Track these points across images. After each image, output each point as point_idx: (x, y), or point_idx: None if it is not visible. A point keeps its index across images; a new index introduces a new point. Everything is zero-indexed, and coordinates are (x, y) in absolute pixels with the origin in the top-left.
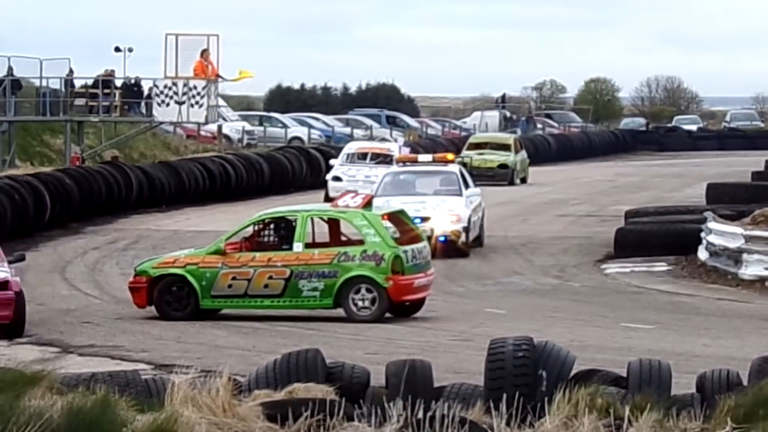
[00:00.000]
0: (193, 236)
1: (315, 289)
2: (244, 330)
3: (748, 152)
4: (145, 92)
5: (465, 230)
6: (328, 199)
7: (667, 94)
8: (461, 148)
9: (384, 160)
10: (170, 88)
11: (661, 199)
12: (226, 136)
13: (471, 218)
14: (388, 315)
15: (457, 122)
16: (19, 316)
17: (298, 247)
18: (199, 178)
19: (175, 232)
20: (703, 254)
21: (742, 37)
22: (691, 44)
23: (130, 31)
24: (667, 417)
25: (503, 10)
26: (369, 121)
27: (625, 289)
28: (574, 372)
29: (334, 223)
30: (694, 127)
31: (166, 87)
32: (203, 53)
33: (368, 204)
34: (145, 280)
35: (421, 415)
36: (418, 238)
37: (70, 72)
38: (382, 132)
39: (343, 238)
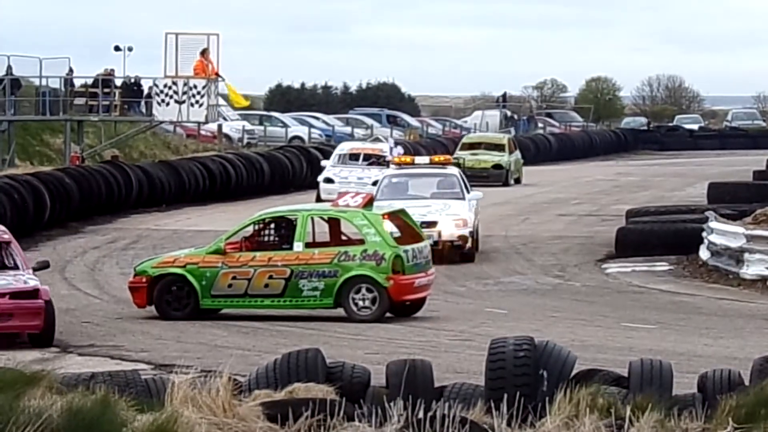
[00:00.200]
0: (193, 236)
1: (315, 289)
2: (244, 330)
3: (750, 151)
4: (145, 91)
5: (471, 235)
6: (320, 201)
7: (668, 93)
8: None
9: (377, 161)
10: (170, 88)
11: (663, 199)
12: (226, 136)
13: (475, 222)
14: (388, 315)
15: (458, 121)
16: (48, 325)
17: (299, 246)
18: (199, 178)
19: (175, 232)
20: (704, 254)
21: (743, 37)
22: (691, 43)
23: (130, 31)
24: (668, 417)
25: (503, 10)
26: (369, 121)
27: (626, 288)
28: (575, 372)
29: (334, 223)
30: (695, 127)
31: (166, 86)
32: (203, 52)
33: (369, 203)
34: (144, 280)
35: (421, 415)
36: (418, 238)
37: (70, 71)
38: (383, 131)
39: (344, 238)
